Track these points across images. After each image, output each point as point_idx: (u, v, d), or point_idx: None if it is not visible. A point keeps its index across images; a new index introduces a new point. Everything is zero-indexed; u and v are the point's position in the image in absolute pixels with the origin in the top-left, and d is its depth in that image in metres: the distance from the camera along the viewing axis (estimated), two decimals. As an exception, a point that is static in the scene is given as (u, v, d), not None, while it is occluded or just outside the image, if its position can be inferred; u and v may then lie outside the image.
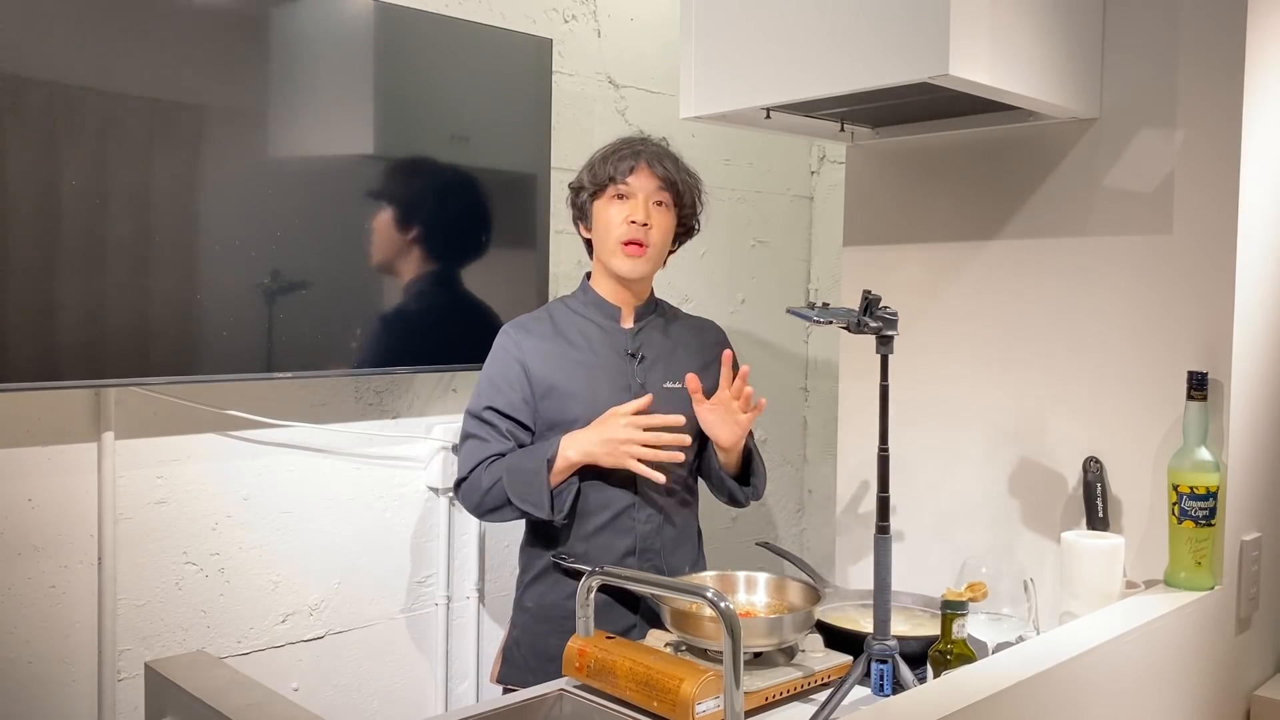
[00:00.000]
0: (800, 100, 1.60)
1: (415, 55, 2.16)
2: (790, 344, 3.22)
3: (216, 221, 1.91)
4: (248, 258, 1.96)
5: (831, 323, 1.52)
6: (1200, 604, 1.57)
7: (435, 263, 2.22)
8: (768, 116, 1.75)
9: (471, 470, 1.81)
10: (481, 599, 2.47)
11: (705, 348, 1.96)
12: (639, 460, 1.72)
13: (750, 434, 1.90)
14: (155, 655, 1.96)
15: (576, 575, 1.77)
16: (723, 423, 1.78)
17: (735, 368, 1.77)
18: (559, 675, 1.70)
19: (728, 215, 2.97)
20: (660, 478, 1.75)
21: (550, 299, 2.44)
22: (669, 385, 1.86)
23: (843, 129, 1.95)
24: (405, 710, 2.35)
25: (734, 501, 1.94)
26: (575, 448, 1.75)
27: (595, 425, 1.76)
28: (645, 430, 1.73)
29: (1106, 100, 1.72)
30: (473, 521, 2.44)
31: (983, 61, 1.45)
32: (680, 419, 1.75)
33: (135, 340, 1.84)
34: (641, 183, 1.83)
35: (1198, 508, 1.56)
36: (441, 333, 2.24)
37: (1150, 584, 1.63)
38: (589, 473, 1.79)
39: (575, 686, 1.53)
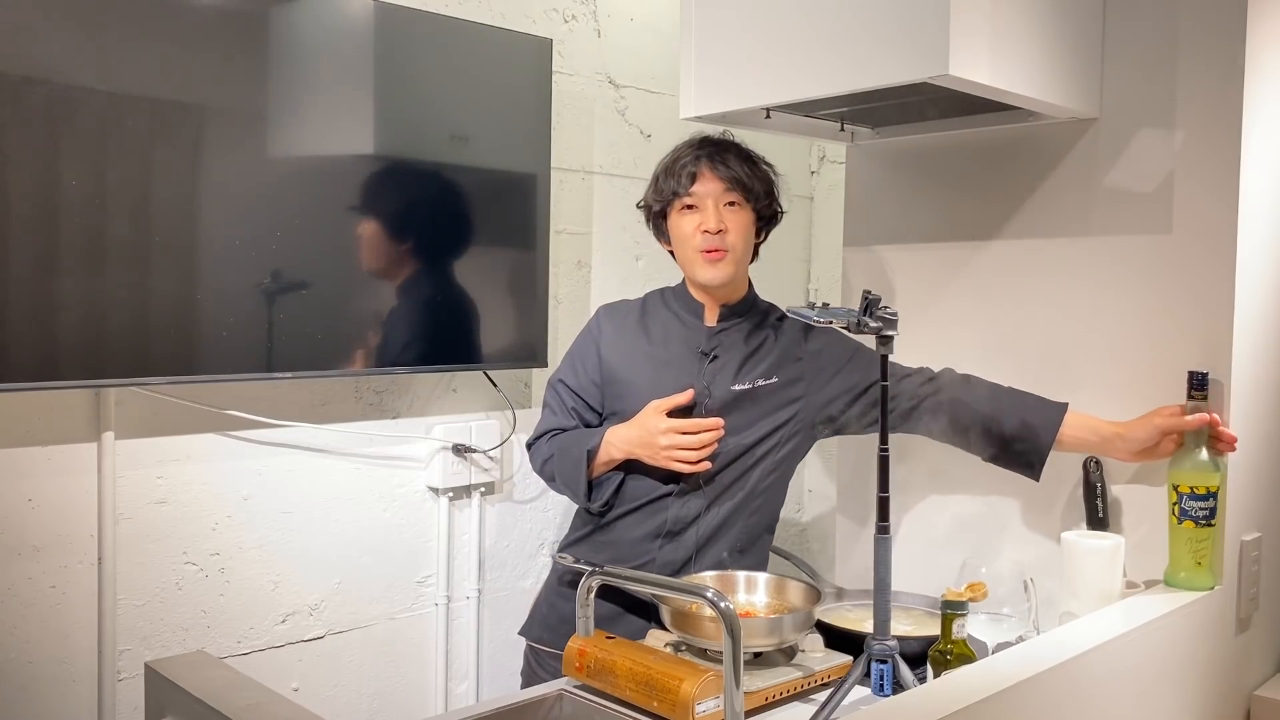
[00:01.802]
0: (800, 100, 1.60)
1: (415, 55, 2.16)
2: (790, 344, 3.22)
3: (216, 221, 1.91)
4: (248, 258, 1.95)
5: (831, 323, 1.52)
6: (1200, 604, 1.57)
7: (435, 263, 2.22)
8: (768, 116, 1.75)
9: (538, 438, 1.91)
10: (481, 599, 2.47)
11: (785, 343, 1.88)
12: (680, 461, 1.75)
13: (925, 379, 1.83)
14: (155, 655, 1.96)
15: (577, 576, 1.77)
16: (1151, 448, 1.64)
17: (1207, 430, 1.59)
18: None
19: (728, 215, 2.96)
20: (706, 466, 1.77)
21: (549, 299, 2.45)
22: (737, 388, 1.82)
23: (843, 129, 1.95)
24: (405, 710, 2.35)
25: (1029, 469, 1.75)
26: (619, 444, 1.78)
27: (636, 422, 1.78)
28: (684, 434, 1.74)
29: (1106, 100, 1.72)
30: (473, 521, 2.44)
31: (983, 61, 1.45)
32: (719, 421, 1.76)
33: (135, 340, 1.84)
34: (708, 188, 1.79)
35: (1198, 508, 1.56)
36: (441, 333, 2.24)
37: (1150, 584, 1.63)
38: (634, 463, 1.81)
39: (575, 686, 1.53)
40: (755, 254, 1.90)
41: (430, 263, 2.21)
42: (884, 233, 2.03)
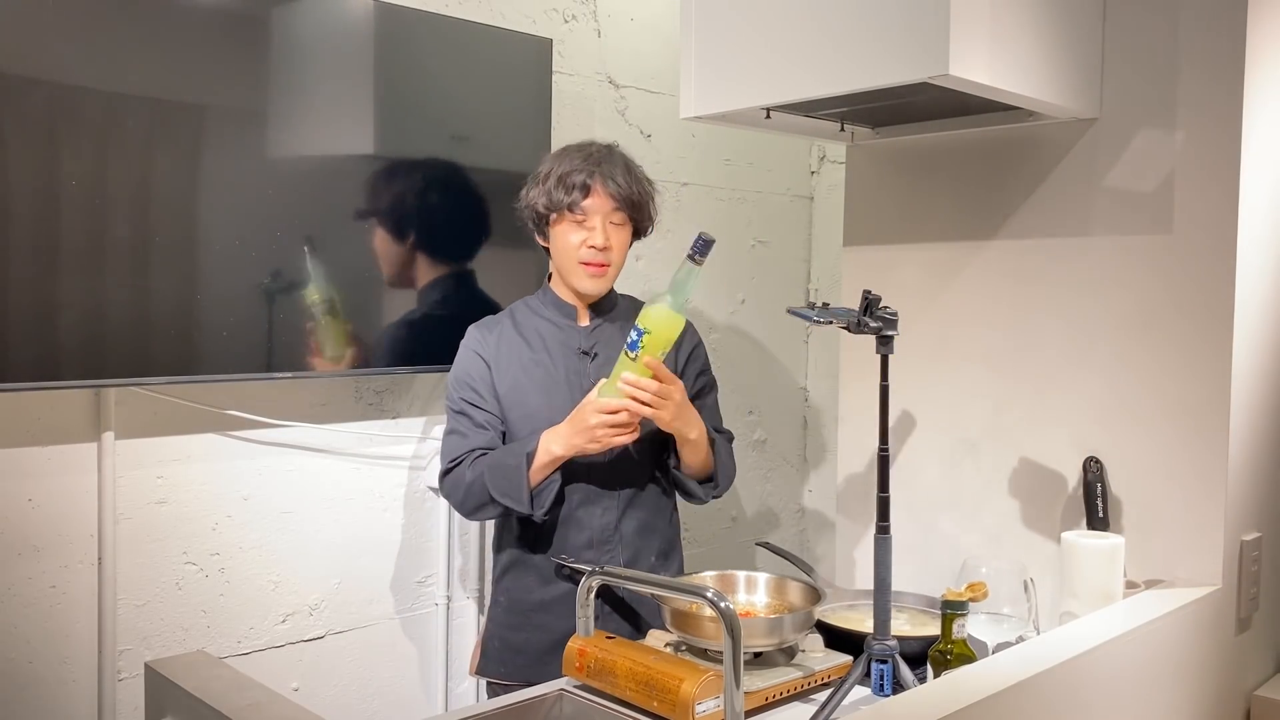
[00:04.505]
0: (800, 100, 1.60)
1: (415, 55, 2.16)
2: (790, 344, 3.22)
3: (216, 221, 1.91)
4: (248, 258, 1.95)
5: (831, 323, 1.52)
6: (1200, 604, 1.57)
7: (435, 262, 2.22)
8: (768, 116, 1.75)
9: (454, 465, 1.83)
10: (481, 599, 2.47)
11: None
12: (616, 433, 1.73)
13: (720, 431, 1.94)
14: (155, 655, 1.96)
15: (577, 576, 1.77)
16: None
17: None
18: (527, 668, 1.77)
19: (728, 215, 2.97)
20: (636, 435, 1.75)
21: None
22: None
23: (843, 129, 1.95)
24: (405, 710, 2.35)
25: (689, 496, 1.92)
26: (558, 441, 1.76)
27: (570, 419, 1.77)
28: (611, 413, 1.72)
29: (1106, 100, 1.72)
30: (473, 521, 2.44)
31: (983, 61, 1.45)
32: (654, 383, 1.71)
33: (135, 340, 1.84)
34: (597, 204, 1.83)
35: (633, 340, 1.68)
36: (442, 332, 2.24)
37: (1150, 584, 1.63)
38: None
39: (575, 686, 1.53)
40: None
41: (430, 262, 2.21)
42: (884, 233, 2.03)
